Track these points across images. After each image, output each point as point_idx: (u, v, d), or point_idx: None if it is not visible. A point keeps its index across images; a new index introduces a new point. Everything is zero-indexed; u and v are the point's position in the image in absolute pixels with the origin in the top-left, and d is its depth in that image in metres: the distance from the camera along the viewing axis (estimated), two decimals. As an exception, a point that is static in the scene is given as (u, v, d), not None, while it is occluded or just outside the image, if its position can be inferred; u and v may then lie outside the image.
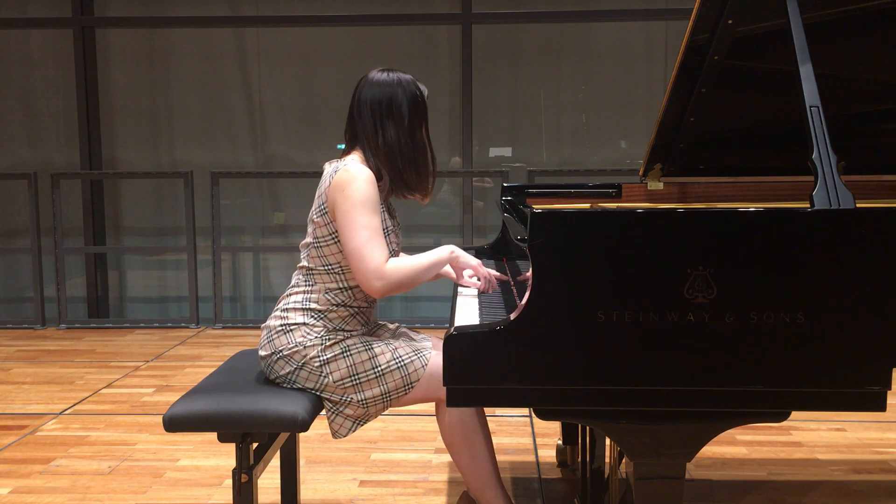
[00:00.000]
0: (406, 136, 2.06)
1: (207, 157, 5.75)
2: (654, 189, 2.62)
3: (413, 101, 2.07)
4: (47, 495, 2.71)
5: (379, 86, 2.07)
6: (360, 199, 1.97)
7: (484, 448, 2.10)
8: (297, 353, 2.03)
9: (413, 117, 2.07)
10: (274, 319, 2.10)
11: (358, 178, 1.98)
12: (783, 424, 3.27)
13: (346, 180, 1.99)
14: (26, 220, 5.47)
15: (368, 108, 2.06)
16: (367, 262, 1.96)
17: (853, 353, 1.56)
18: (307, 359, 2.03)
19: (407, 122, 2.06)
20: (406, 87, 2.07)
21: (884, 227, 1.55)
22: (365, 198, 1.97)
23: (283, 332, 2.05)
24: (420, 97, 2.09)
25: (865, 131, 2.45)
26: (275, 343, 2.06)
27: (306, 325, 2.05)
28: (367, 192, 1.98)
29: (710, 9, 2.01)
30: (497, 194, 3.15)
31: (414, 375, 2.04)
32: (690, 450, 1.65)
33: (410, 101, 2.07)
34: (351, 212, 1.97)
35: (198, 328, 5.40)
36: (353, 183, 1.98)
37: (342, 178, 1.99)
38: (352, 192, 1.97)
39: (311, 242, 2.10)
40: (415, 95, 2.07)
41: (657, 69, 5.59)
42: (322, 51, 5.69)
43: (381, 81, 2.07)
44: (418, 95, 2.08)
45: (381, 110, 2.06)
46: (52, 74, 5.76)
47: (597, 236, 1.56)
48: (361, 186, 1.98)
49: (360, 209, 1.97)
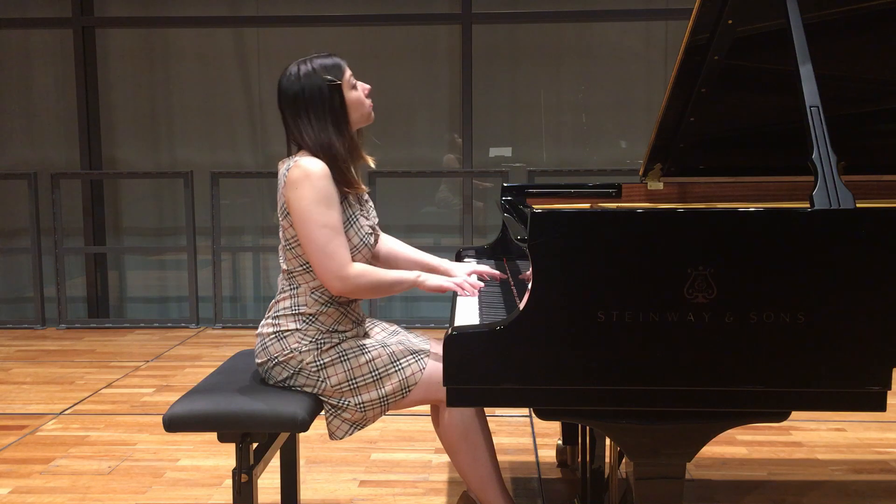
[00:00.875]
0: (321, 129, 1.98)
1: (207, 157, 5.75)
2: (654, 189, 2.62)
3: (320, 91, 1.98)
4: (47, 495, 2.71)
5: (288, 82, 2.00)
6: (314, 197, 1.91)
7: (485, 448, 2.09)
8: (292, 358, 2.02)
9: (322, 109, 1.98)
10: (267, 326, 2.07)
11: (310, 174, 1.92)
12: (783, 424, 3.27)
13: (297, 178, 1.93)
14: (26, 220, 5.47)
15: (283, 109, 2.01)
16: (327, 263, 1.93)
17: (853, 353, 1.56)
18: (304, 364, 2.01)
19: (317, 115, 1.98)
20: (311, 79, 1.98)
21: (884, 227, 1.55)
22: (319, 195, 1.92)
23: (277, 338, 2.04)
24: (323, 86, 1.99)
25: (865, 131, 2.45)
26: (269, 350, 2.04)
27: (299, 331, 2.03)
28: (321, 187, 1.92)
29: (710, 9, 2.01)
30: (497, 194, 3.14)
31: (412, 379, 2.02)
32: (690, 450, 1.65)
33: (317, 93, 1.98)
34: (306, 211, 1.92)
35: (198, 328, 5.40)
36: (304, 181, 1.92)
37: (294, 176, 1.94)
38: (304, 190, 1.91)
39: (283, 245, 2.06)
40: (320, 86, 1.98)
41: (657, 69, 5.59)
42: (322, 51, 5.67)
43: (290, 78, 2.00)
44: (324, 85, 1.98)
45: (294, 109, 2.00)
46: (52, 74, 5.76)
47: (597, 236, 1.56)
48: (314, 183, 1.91)
49: (315, 207, 1.91)
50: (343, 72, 2.04)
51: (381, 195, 5.33)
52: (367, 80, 2.15)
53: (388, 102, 5.57)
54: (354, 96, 2.04)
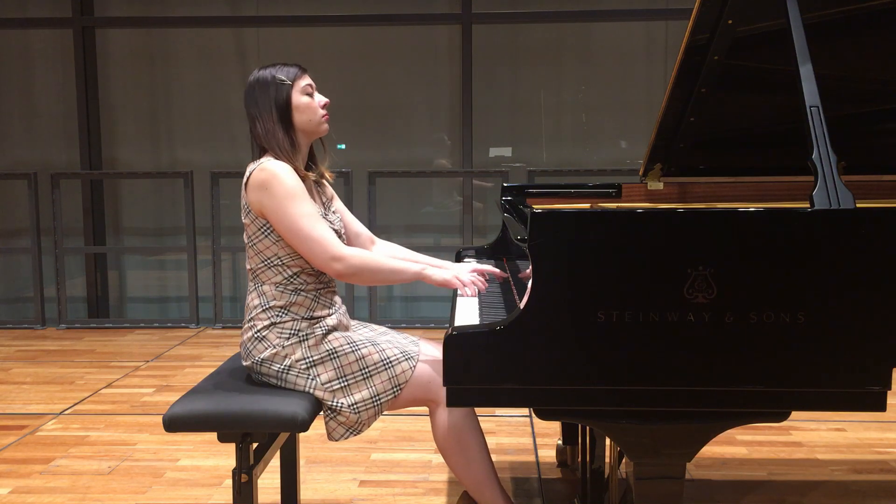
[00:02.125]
0: (268, 120, 2.05)
1: (207, 157, 5.75)
2: (654, 189, 2.62)
3: (268, 86, 2.06)
4: (47, 495, 2.71)
5: (250, 78, 2.10)
6: (285, 192, 1.97)
7: (478, 449, 2.08)
8: (276, 355, 2.03)
9: (267, 102, 2.05)
10: (245, 332, 2.09)
11: (277, 173, 1.98)
12: (783, 424, 3.27)
13: (264, 179, 1.98)
14: (26, 220, 5.47)
15: (245, 104, 2.09)
16: (318, 248, 1.97)
17: (853, 353, 1.56)
18: (292, 360, 2.02)
19: (264, 107, 2.05)
20: (264, 75, 2.07)
21: (884, 227, 1.55)
22: (291, 190, 1.97)
23: (257, 339, 2.05)
24: (273, 82, 2.05)
25: (865, 131, 2.45)
26: (252, 354, 2.06)
27: (276, 326, 2.04)
28: (291, 182, 1.98)
29: (710, 9, 2.01)
30: (497, 194, 3.14)
31: (402, 377, 2.03)
32: (690, 450, 1.65)
33: (266, 87, 2.06)
34: (282, 206, 1.97)
35: (198, 328, 5.40)
36: (273, 179, 1.97)
37: (259, 178, 1.99)
38: (275, 187, 1.97)
39: (247, 244, 2.09)
40: (270, 82, 2.06)
41: (657, 69, 5.59)
42: (322, 51, 5.69)
43: (251, 75, 2.10)
44: (274, 81, 2.06)
45: (248, 100, 2.08)
46: (52, 74, 5.76)
47: (597, 236, 1.56)
48: (283, 180, 1.97)
49: (290, 201, 1.97)
50: (298, 77, 2.09)
51: (381, 195, 5.33)
52: (367, 79, 2.16)
53: (388, 102, 5.58)
54: (304, 101, 2.09)
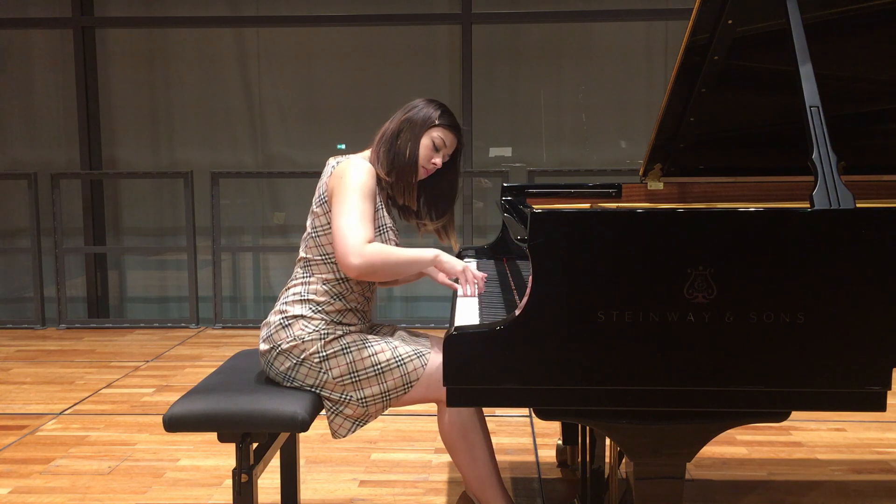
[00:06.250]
0: (407, 149, 2.14)
1: (207, 157, 5.75)
2: (654, 189, 2.62)
3: (424, 118, 2.19)
4: (47, 495, 2.71)
5: (415, 107, 2.23)
6: (356, 185, 2.04)
7: (483, 448, 2.11)
8: (295, 347, 2.04)
9: (412, 127, 2.17)
10: (274, 315, 2.12)
11: (359, 167, 2.07)
12: (783, 424, 3.27)
13: (346, 168, 2.08)
14: (26, 220, 5.47)
15: (399, 122, 2.20)
16: (348, 238, 1.98)
17: (853, 353, 1.56)
18: (307, 354, 2.04)
19: (410, 128, 2.17)
20: (428, 108, 2.22)
21: (884, 227, 1.55)
22: (362, 184, 2.04)
23: (283, 326, 2.07)
24: (425, 119, 2.19)
25: (865, 131, 2.45)
26: (273, 338, 2.07)
27: (304, 318, 2.06)
28: (365, 180, 2.06)
29: (710, 9, 2.01)
30: (497, 194, 3.14)
31: (413, 375, 2.04)
32: (690, 450, 1.65)
33: (422, 117, 2.19)
34: (345, 194, 2.03)
35: (198, 328, 5.40)
36: (351, 170, 2.06)
37: (343, 167, 2.09)
38: (350, 178, 2.05)
39: (309, 233, 2.14)
40: (428, 116, 2.20)
41: (657, 69, 5.59)
42: (322, 51, 5.69)
43: (419, 99, 2.27)
44: (430, 116, 2.20)
45: (406, 123, 2.19)
46: (52, 74, 5.76)
47: (597, 236, 1.56)
48: (360, 175, 2.06)
49: (355, 193, 2.03)
50: (443, 130, 2.20)
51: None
52: (367, 79, 2.18)
53: (389, 102, 5.54)
54: (425, 144, 2.17)
